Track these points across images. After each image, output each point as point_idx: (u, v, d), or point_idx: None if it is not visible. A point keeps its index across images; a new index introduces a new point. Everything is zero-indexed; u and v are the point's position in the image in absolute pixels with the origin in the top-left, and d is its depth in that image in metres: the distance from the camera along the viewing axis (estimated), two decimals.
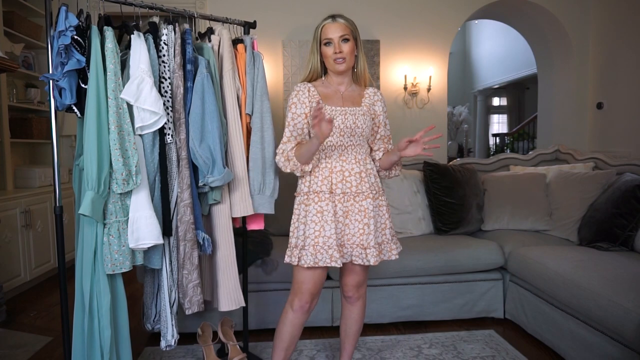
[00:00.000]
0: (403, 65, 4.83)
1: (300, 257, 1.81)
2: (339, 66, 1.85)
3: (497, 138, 9.35)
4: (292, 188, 1.96)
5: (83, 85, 1.68)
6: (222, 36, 2.01)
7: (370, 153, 1.98)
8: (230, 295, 2.03)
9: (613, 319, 1.92)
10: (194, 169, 1.91)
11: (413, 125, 4.88)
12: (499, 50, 8.97)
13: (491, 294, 2.81)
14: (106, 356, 1.70)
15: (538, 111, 5.85)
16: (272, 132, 2.07)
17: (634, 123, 4.46)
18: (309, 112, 1.86)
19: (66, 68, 1.61)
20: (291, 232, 1.89)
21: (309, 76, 1.93)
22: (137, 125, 1.72)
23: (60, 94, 1.67)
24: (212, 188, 1.92)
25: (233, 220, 2.11)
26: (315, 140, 1.70)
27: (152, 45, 1.79)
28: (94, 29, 1.67)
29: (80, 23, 1.65)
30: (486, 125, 10.62)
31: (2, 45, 3.51)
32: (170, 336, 1.89)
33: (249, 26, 2.22)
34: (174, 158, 1.84)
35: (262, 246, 2.63)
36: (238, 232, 2.24)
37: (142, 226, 1.69)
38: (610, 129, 4.80)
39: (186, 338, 2.48)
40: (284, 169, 1.86)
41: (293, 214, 1.90)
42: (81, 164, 1.71)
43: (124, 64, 1.77)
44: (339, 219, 1.84)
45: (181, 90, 1.85)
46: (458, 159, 3.65)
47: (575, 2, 4.95)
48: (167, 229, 1.82)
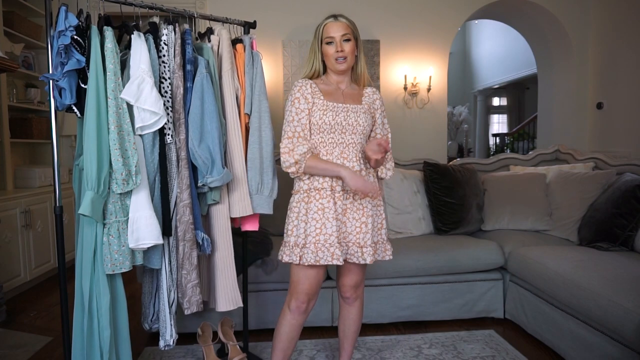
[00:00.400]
0: (403, 65, 4.83)
1: (301, 256, 1.79)
2: (340, 65, 1.85)
3: (497, 138, 9.35)
4: (292, 188, 1.96)
5: (83, 85, 1.69)
6: (222, 36, 2.01)
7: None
8: (228, 295, 2.03)
9: (613, 319, 1.92)
10: (193, 169, 1.91)
11: (413, 125, 4.88)
12: (499, 50, 8.97)
13: (491, 294, 2.81)
14: (106, 356, 1.70)
15: (538, 111, 5.85)
16: (271, 132, 2.07)
17: (634, 123, 4.46)
18: (312, 108, 1.84)
19: (66, 68, 1.61)
20: (289, 231, 1.85)
21: (310, 74, 1.92)
22: (138, 125, 1.72)
23: (60, 94, 1.67)
24: (211, 188, 1.92)
25: (232, 220, 2.11)
26: (342, 172, 1.75)
27: (153, 45, 1.79)
28: (94, 29, 1.67)
29: (80, 23, 1.65)
30: (486, 125, 10.62)
31: (2, 45, 3.51)
32: (169, 336, 1.89)
33: (249, 26, 2.22)
34: (174, 158, 1.84)
35: (262, 246, 2.63)
36: (238, 232, 2.24)
37: (142, 226, 1.69)
38: (610, 129, 4.80)
39: (186, 338, 2.49)
40: (285, 167, 1.82)
41: (290, 212, 1.88)
42: (81, 164, 1.71)
43: (124, 64, 1.77)
44: (339, 217, 1.83)
45: (181, 90, 1.85)
46: (458, 159, 3.65)
47: (575, 2, 4.95)
48: (167, 229, 1.82)
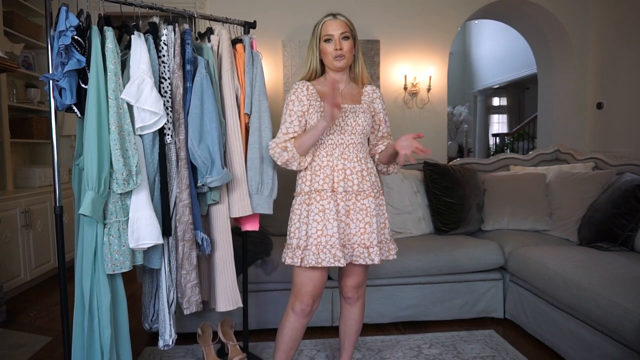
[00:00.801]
0: (403, 65, 4.83)
1: (303, 258, 1.79)
2: (338, 63, 1.85)
3: (497, 138, 9.35)
4: (292, 188, 1.96)
5: (83, 85, 1.68)
6: (221, 36, 2.01)
7: (370, 150, 1.99)
8: (227, 295, 2.02)
9: (613, 319, 1.92)
10: (193, 169, 1.91)
11: (413, 125, 4.87)
12: (499, 50, 8.97)
13: (491, 294, 2.81)
14: (106, 356, 1.70)
15: (538, 111, 5.85)
16: (271, 132, 2.07)
17: (634, 123, 4.46)
18: (307, 111, 1.86)
19: (66, 68, 1.61)
20: (291, 233, 1.86)
21: (308, 75, 1.92)
22: (138, 125, 1.72)
23: (60, 94, 1.67)
24: (211, 188, 1.92)
25: (234, 220, 2.11)
26: (322, 122, 1.71)
27: (152, 45, 1.79)
28: (94, 29, 1.67)
29: (80, 23, 1.65)
30: (486, 125, 10.62)
31: (2, 45, 3.51)
32: (168, 336, 1.89)
33: (249, 26, 2.22)
34: (173, 158, 1.84)
35: (262, 246, 2.63)
36: (238, 232, 2.24)
37: (142, 226, 1.69)
38: (610, 129, 4.80)
39: (186, 338, 2.49)
40: (279, 160, 1.84)
41: (292, 214, 1.89)
42: (81, 164, 1.71)
43: (124, 64, 1.77)
44: (341, 218, 1.82)
45: (180, 90, 1.85)
46: (458, 159, 3.65)
47: (575, 2, 4.95)
48: (167, 229, 1.82)
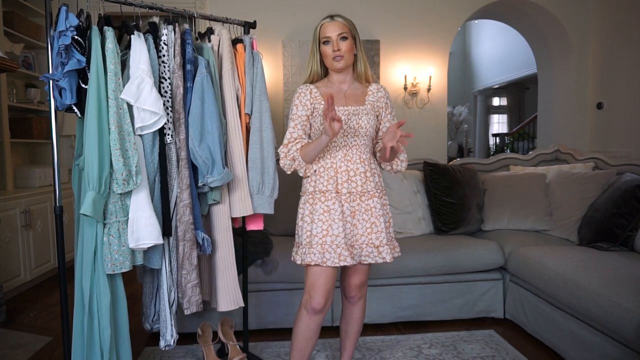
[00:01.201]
0: (403, 65, 4.83)
1: (307, 256, 1.80)
2: (338, 64, 1.85)
3: (497, 138, 9.36)
4: (292, 188, 1.96)
5: (83, 85, 1.69)
6: (222, 36, 2.01)
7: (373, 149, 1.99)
8: (229, 295, 2.02)
9: (613, 319, 1.92)
10: (194, 169, 1.91)
11: (413, 125, 4.87)
12: (499, 50, 8.97)
13: (491, 294, 2.81)
14: (106, 356, 1.70)
15: (538, 111, 5.85)
16: (272, 132, 2.07)
17: (634, 123, 4.46)
18: (311, 115, 1.87)
19: (66, 68, 1.61)
20: (297, 232, 1.88)
21: (310, 78, 1.93)
22: (137, 125, 1.72)
23: (60, 94, 1.67)
24: (212, 188, 1.92)
25: (233, 220, 2.11)
26: (324, 137, 1.70)
27: (152, 45, 1.79)
28: (94, 29, 1.67)
29: (80, 23, 1.65)
30: (486, 125, 10.62)
31: (2, 45, 3.51)
32: (169, 336, 1.89)
33: (249, 26, 2.22)
34: (174, 158, 1.84)
35: (262, 246, 2.63)
36: (238, 232, 2.24)
37: (142, 226, 1.69)
38: (610, 129, 4.80)
39: (186, 338, 2.49)
40: (288, 170, 1.88)
41: (298, 213, 1.90)
42: (81, 164, 1.71)
43: (124, 64, 1.77)
44: (347, 219, 1.83)
45: (181, 90, 1.85)
46: (458, 159, 3.65)
47: (575, 2, 4.95)
48: (167, 229, 1.82)
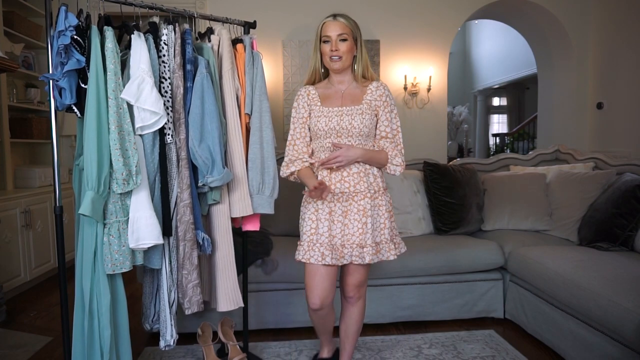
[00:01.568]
0: (403, 65, 4.83)
1: (297, 253, 1.91)
2: (334, 64, 1.88)
3: (497, 138, 9.36)
4: (292, 188, 1.97)
5: (83, 85, 1.68)
6: (222, 36, 2.01)
7: None
8: (228, 295, 2.02)
9: (613, 319, 1.92)
10: (194, 169, 1.91)
11: (413, 125, 4.88)
12: (499, 50, 8.97)
13: (491, 294, 2.81)
14: (106, 356, 1.70)
15: (538, 111, 5.85)
16: (271, 132, 2.07)
17: (634, 123, 4.46)
18: (309, 116, 1.94)
19: (66, 68, 1.61)
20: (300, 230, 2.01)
21: (312, 77, 1.97)
22: (138, 125, 1.72)
23: (60, 94, 1.67)
24: (212, 188, 1.92)
25: (233, 220, 2.11)
26: (309, 184, 1.81)
27: (152, 45, 1.79)
28: (94, 29, 1.67)
29: (80, 23, 1.65)
30: (486, 125, 10.62)
31: (2, 45, 3.51)
32: (169, 336, 1.89)
33: (249, 26, 2.22)
34: (174, 158, 1.84)
35: (262, 246, 2.63)
36: (238, 232, 2.24)
37: (142, 226, 1.69)
38: (610, 129, 4.80)
39: (186, 338, 2.48)
40: (282, 175, 1.99)
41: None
42: (81, 164, 1.71)
43: (124, 64, 1.77)
44: (338, 219, 1.86)
45: (181, 90, 1.85)
46: (458, 159, 3.65)
47: (575, 2, 4.95)
48: (167, 229, 1.82)
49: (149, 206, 1.72)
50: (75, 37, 1.62)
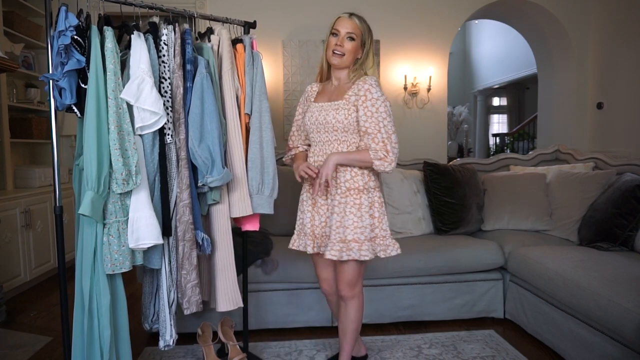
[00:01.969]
0: (403, 65, 4.83)
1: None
2: (334, 58, 1.91)
3: (497, 138, 9.35)
4: (292, 188, 1.97)
5: (83, 85, 1.68)
6: (222, 36, 2.01)
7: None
8: (228, 295, 2.02)
9: (613, 319, 1.92)
10: (193, 169, 1.91)
11: (413, 125, 4.88)
12: (499, 50, 8.97)
13: (491, 294, 2.81)
14: (106, 356, 1.70)
15: (538, 111, 5.85)
16: (271, 132, 2.07)
17: (634, 123, 4.46)
18: (306, 111, 2.06)
19: (66, 68, 1.61)
20: None
21: (319, 72, 2.05)
22: (137, 125, 1.72)
23: (60, 94, 1.67)
24: (211, 188, 1.92)
25: (233, 220, 2.11)
26: (295, 172, 2.00)
27: (152, 45, 1.79)
28: (94, 29, 1.67)
29: (80, 23, 1.65)
30: (486, 125, 10.62)
31: (2, 45, 3.51)
32: (168, 336, 1.89)
33: (249, 26, 2.22)
34: (174, 158, 1.84)
35: (262, 246, 2.63)
36: (238, 232, 2.24)
37: (142, 226, 1.69)
38: (610, 129, 4.80)
39: (186, 338, 2.48)
40: (285, 158, 2.20)
41: None
42: (81, 164, 1.71)
43: (124, 64, 1.77)
44: (317, 211, 1.98)
45: (181, 90, 1.85)
46: (458, 159, 3.65)
47: (575, 2, 4.95)
48: (167, 229, 1.82)
49: (149, 206, 1.72)
50: (75, 37, 1.62)
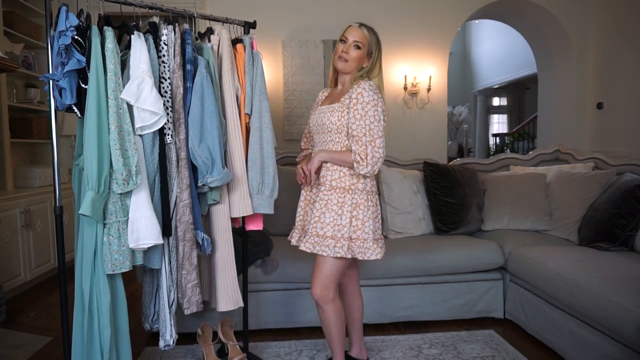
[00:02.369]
0: (403, 65, 4.83)
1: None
2: (339, 63, 1.96)
3: (497, 138, 9.35)
4: (292, 188, 1.97)
5: (83, 85, 1.68)
6: (222, 36, 2.01)
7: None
8: (228, 295, 2.02)
9: (613, 319, 1.92)
10: (193, 169, 1.91)
11: (413, 125, 4.88)
12: (499, 50, 8.97)
13: (491, 294, 2.81)
14: (106, 356, 1.70)
15: (538, 111, 5.85)
16: (271, 132, 2.07)
17: (634, 123, 4.46)
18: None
19: (66, 68, 1.61)
20: None
21: (330, 78, 2.11)
22: (137, 125, 1.72)
23: (60, 94, 1.67)
24: (212, 188, 1.92)
25: (233, 220, 2.11)
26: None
27: (152, 45, 1.79)
28: (94, 29, 1.67)
29: (80, 23, 1.65)
30: (486, 125, 10.62)
31: (2, 45, 3.51)
32: (168, 336, 1.89)
33: (249, 26, 2.22)
34: (174, 158, 1.84)
35: (262, 246, 2.63)
36: (238, 232, 2.24)
37: (142, 226, 1.69)
38: (610, 129, 4.80)
39: (186, 338, 2.49)
40: (298, 158, 2.28)
41: None
42: (81, 164, 1.71)
43: (124, 64, 1.77)
44: (311, 207, 2.03)
45: (181, 90, 1.85)
46: (458, 159, 3.65)
47: (575, 2, 4.95)
48: (167, 229, 1.82)
49: (149, 206, 1.72)
50: (75, 37, 1.62)
